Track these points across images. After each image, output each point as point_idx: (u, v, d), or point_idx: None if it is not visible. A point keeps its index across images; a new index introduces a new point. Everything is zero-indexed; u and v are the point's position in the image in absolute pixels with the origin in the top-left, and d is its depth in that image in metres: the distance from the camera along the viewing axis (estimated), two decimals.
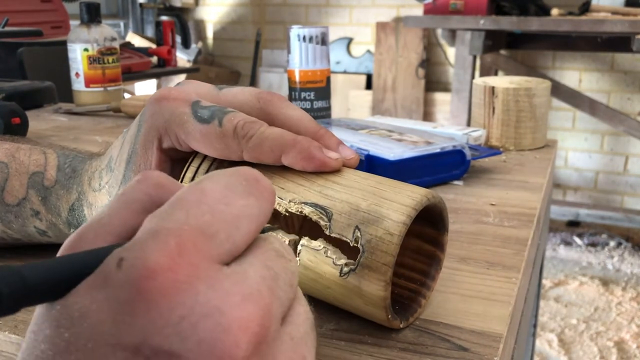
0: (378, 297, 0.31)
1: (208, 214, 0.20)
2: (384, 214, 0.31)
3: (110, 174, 0.38)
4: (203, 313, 0.18)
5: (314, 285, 0.33)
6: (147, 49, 2.39)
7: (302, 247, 0.33)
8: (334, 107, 2.73)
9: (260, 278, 0.20)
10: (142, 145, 0.36)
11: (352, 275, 0.31)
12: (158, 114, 0.35)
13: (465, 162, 0.63)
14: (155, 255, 0.18)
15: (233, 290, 0.19)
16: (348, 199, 0.32)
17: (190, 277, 0.19)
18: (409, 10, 3.08)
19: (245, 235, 0.21)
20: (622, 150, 2.93)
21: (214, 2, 3.65)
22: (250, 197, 0.22)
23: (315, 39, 0.78)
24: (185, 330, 0.18)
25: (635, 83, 2.84)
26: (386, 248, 0.30)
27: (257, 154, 0.33)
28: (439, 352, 0.32)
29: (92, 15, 1.04)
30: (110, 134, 0.88)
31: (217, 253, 0.20)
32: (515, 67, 2.76)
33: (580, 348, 1.84)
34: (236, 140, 0.33)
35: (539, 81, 0.81)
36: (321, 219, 0.32)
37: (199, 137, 0.34)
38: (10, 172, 0.41)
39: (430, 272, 0.36)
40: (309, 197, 0.33)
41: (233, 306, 0.19)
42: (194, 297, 0.18)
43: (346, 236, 0.31)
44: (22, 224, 0.41)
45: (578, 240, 2.63)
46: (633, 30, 2.02)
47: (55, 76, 1.26)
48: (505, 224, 0.51)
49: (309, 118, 0.36)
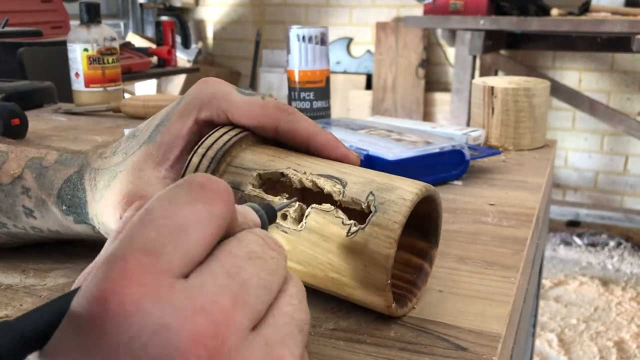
0: (383, 255, 0.31)
1: (152, 231, 0.20)
2: (398, 185, 0.33)
3: (131, 140, 0.39)
4: (152, 331, 0.18)
5: (314, 251, 0.33)
6: (147, 49, 2.39)
7: (312, 209, 0.33)
8: (334, 107, 2.73)
9: (220, 287, 0.20)
10: (179, 113, 0.38)
11: (360, 233, 0.32)
12: (204, 89, 0.38)
13: (465, 162, 0.63)
14: (101, 282, 0.19)
15: (184, 304, 0.19)
16: (362, 174, 0.34)
17: (137, 297, 0.19)
18: (409, 10, 3.08)
19: (198, 242, 0.21)
20: (622, 150, 2.93)
21: (214, 2, 3.65)
22: (196, 204, 0.22)
23: (315, 39, 0.78)
24: (136, 350, 0.18)
25: (635, 83, 2.84)
26: (398, 209, 0.32)
27: (292, 125, 0.37)
28: (437, 352, 0.32)
29: (92, 16, 1.04)
30: (110, 134, 0.88)
31: (166, 268, 0.20)
32: (515, 67, 2.75)
33: (580, 348, 1.84)
34: (277, 111, 0.37)
35: (538, 81, 0.81)
36: (335, 186, 0.34)
37: (242, 105, 0.37)
38: (9, 157, 0.42)
39: (417, 283, 0.37)
40: (324, 170, 0.35)
41: (182, 321, 0.19)
42: (142, 316, 0.19)
43: (359, 199, 0.33)
44: (11, 203, 0.42)
45: (578, 240, 2.63)
46: (633, 30, 2.02)
47: (55, 76, 1.27)
48: (504, 224, 0.51)
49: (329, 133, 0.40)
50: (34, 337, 0.19)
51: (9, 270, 0.43)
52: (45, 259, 0.45)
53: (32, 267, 0.43)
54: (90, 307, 0.19)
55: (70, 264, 0.44)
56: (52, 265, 0.44)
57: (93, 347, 0.19)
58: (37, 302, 0.38)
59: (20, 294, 0.40)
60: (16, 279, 0.42)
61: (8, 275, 0.42)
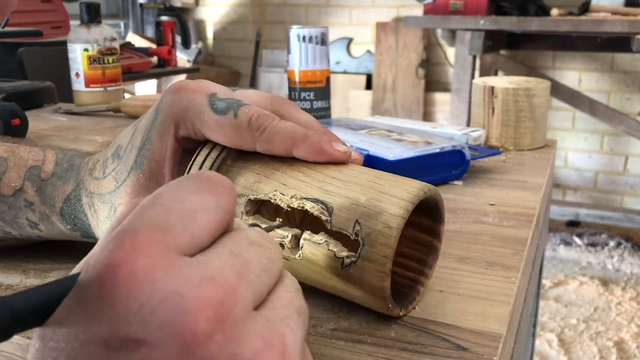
0: (378, 288, 0.32)
1: (163, 212, 0.21)
2: (383, 208, 0.32)
3: (117, 161, 0.39)
4: (161, 298, 0.19)
5: (317, 278, 0.34)
6: (147, 49, 2.39)
7: (305, 241, 0.34)
8: (334, 107, 2.73)
9: (225, 264, 0.21)
10: (158, 132, 0.37)
11: (353, 267, 0.32)
12: (176, 103, 0.36)
13: (465, 162, 0.63)
14: (112, 253, 0.20)
15: (192, 275, 0.20)
16: (347, 194, 0.33)
17: (147, 267, 0.19)
18: (409, 10, 3.08)
19: (204, 226, 0.22)
20: (622, 150, 2.93)
21: (214, 2, 3.65)
22: (203, 193, 0.22)
23: (315, 39, 0.78)
24: (146, 316, 0.19)
25: (635, 83, 2.84)
26: (385, 241, 0.32)
27: (269, 145, 0.35)
28: (438, 352, 0.32)
29: (92, 16, 1.04)
30: (110, 134, 0.88)
31: (174, 244, 0.20)
32: (515, 67, 2.75)
33: (580, 348, 1.84)
34: (250, 132, 0.35)
35: (539, 81, 0.81)
36: (322, 214, 0.33)
37: (215, 127, 0.35)
38: (8, 166, 0.42)
39: (428, 260, 0.37)
40: (309, 192, 0.34)
41: (191, 288, 0.19)
42: (152, 284, 0.19)
43: (347, 230, 0.33)
44: (15, 215, 0.42)
45: (578, 240, 2.63)
46: (633, 30, 2.02)
47: (55, 76, 1.26)
48: (505, 224, 0.51)
49: (317, 122, 0.38)
50: (26, 315, 0.19)
51: (9, 270, 0.43)
52: (46, 259, 0.45)
53: (33, 267, 0.43)
54: (100, 276, 0.19)
55: (71, 264, 0.44)
56: (52, 266, 0.44)
57: (103, 315, 0.19)
58: None
59: None
60: (17, 279, 0.42)
61: (9, 276, 0.42)
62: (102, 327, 0.19)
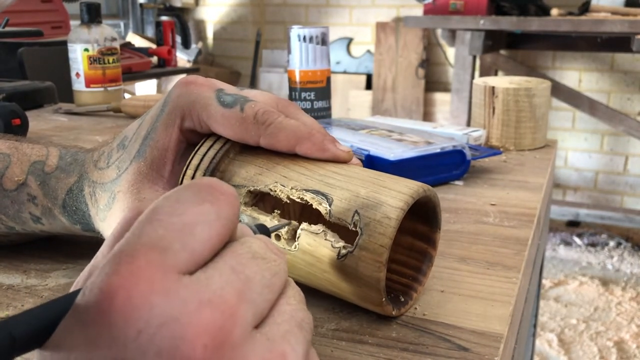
0: (374, 279, 0.32)
1: (160, 228, 0.21)
2: (383, 200, 0.32)
3: (122, 151, 0.39)
4: (159, 324, 0.19)
5: (311, 270, 0.34)
6: (147, 49, 2.39)
7: (302, 231, 0.34)
8: (334, 107, 2.73)
9: (226, 283, 0.20)
10: (164, 123, 0.37)
11: (350, 257, 0.32)
12: (184, 95, 0.37)
13: (465, 162, 0.63)
14: (109, 277, 0.19)
15: (190, 298, 0.19)
16: (348, 187, 0.34)
17: (144, 292, 0.19)
18: (409, 10, 3.08)
19: (204, 241, 0.21)
20: (622, 150, 2.93)
21: (214, 2, 3.65)
22: (204, 204, 0.22)
23: (315, 39, 0.78)
24: (144, 343, 0.19)
25: (635, 83, 2.84)
26: (384, 230, 0.32)
27: (273, 140, 0.36)
28: (439, 352, 0.32)
29: (92, 16, 1.04)
30: (111, 134, 0.87)
31: (173, 264, 0.20)
32: (515, 67, 2.75)
33: (580, 348, 1.84)
34: (255, 126, 0.35)
35: (539, 81, 0.81)
36: (321, 205, 0.33)
37: (221, 120, 0.36)
38: (12, 161, 0.42)
39: (422, 268, 0.37)
40: (310, 185, 0.34)
41: (189, 313, 0.19)
42: (150, 310, 0.19)
43: (345, 220, 0.33)
44: (17, 209, 0.42)
45: (578, 240, 2.63)
46: (633, 30, 2.02)
47: (56, 76, 1.26)
48: (506, 224, 0.51)
49: (320, 126, 0.38)
50: (25, 337, 0.19)
51: (10, 270, 0.43)
52: (46, 259, 0.45)
53: (34, 268, 0.43)
54: (98, 301, 0.19)
55: (71, 264, 0.44)
56: (53, 266, 0.44)
57: (100, 339, 0.19)
58: (38, 303, 0.38)
59: (22, 294, 0.40)
60: (17, 279, 0.42)
61: (9, 276, 0.42)
62: (100, 352, 0.19)
